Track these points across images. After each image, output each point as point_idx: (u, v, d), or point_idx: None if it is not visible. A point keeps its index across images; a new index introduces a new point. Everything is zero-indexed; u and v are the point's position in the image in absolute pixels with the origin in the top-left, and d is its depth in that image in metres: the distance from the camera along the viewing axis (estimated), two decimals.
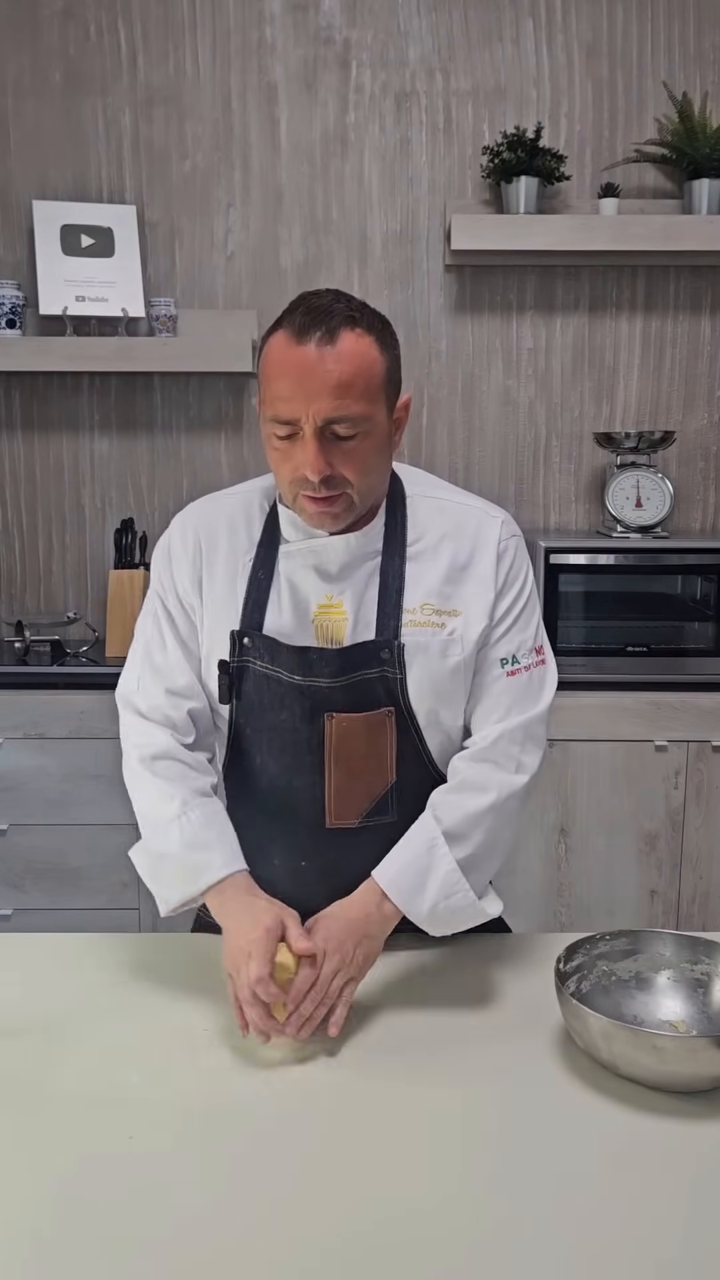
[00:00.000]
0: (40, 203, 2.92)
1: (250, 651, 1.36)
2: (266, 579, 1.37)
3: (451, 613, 1.35)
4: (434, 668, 1.35)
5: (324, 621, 1.36)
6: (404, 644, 1.33)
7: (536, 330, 3.06)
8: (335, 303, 1.25)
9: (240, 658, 1.37)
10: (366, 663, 1.34)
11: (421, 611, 1.35)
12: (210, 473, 3.09)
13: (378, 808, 1.38)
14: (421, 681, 1.34)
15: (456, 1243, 0.91)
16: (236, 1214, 0.94)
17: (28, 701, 2.66)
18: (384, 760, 1.37)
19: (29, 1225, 0.93)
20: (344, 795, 1.37)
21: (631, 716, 2.67)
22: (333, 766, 1.36)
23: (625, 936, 1.30)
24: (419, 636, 1.34)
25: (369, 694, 1.34)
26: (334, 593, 1.36)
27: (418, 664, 1.34)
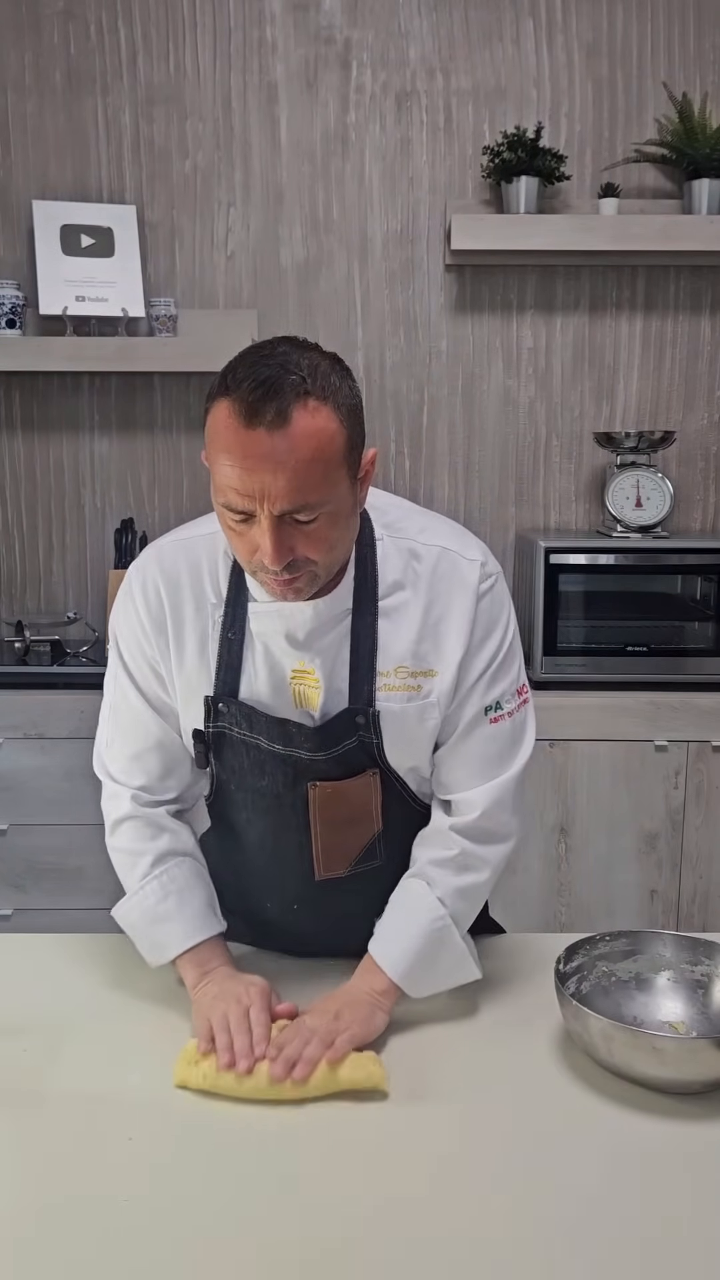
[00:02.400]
0: (40, 202, 2.92)
1: (226, 717, 1.30)
2: (239, 640, 1.29)
3: (427, 673, 1.28)
4: (411, 732, 1.30)
5: (299, 688, 1.29)
6: (379, 711, 1.28)
7: (536, 330, 3.06)
8: (285, 372, 1.11)
9: (216, 724, 1.31)
10: (345, 733, 1.28)
11: (396, 675, 1.28)
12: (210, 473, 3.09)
13: (366, 855, 1.36)
14: (399, 745, 1.30)
15: (457, 1244, 0.91)
16: (237, 1214, 0.94)
17: (28, 701, 2.66)
18: (370, 814, 1.34)
19: (28, 1225, 0.93)
20: (332, 851, 1.34)
21: (631, 716, 2.66)
22: (319, 829, 1.33)
23: (625, 937, 1.30)
24: (393, 703, 1.28)
25: (352, 760, 1.30)
26: (305, 659, 1.28)
27: (393, 730, 1.29)
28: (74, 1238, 0.92)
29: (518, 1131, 1.06)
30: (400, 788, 1.35)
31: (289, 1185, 0.98)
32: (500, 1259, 0.90)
